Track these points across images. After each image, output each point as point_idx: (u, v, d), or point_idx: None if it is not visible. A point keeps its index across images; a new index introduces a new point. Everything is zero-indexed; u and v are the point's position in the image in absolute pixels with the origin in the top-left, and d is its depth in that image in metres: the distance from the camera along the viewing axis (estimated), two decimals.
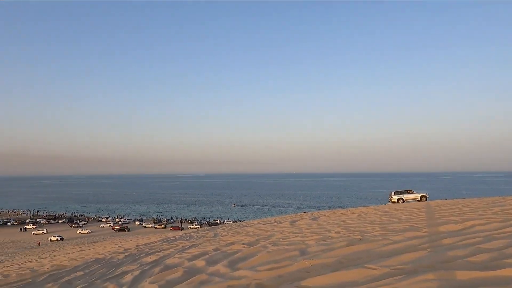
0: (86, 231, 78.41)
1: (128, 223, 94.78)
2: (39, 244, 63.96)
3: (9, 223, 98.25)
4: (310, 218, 19.38)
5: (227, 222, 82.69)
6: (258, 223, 24.00)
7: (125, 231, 78.90)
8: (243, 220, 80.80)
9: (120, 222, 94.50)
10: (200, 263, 7.49)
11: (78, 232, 78.07)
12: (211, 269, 6.62)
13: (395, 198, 31.94)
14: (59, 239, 67.21)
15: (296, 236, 10.33)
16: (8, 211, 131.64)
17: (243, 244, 9.93)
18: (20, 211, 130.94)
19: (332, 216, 19.46)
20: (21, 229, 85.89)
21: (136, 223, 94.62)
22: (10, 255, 52.67)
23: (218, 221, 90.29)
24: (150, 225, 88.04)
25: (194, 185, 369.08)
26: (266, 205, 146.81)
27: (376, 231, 9.17)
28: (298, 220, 18.96)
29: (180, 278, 6.23)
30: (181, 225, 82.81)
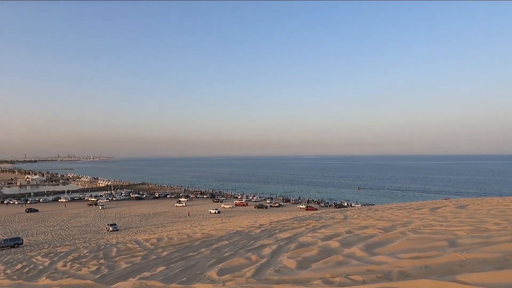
0: (228, 206, 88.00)
1: (259, 201, 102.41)
2: (189, 214, 75.69)
3: (168, 196, 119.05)
4: (456, 205, 17.01)
5: (355, 205, 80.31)
6: (391, 208, 22.48)
7: (262, 208, 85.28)
8: (373, 204, 77.04)
9: (253, 200, 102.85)
10: (334, 243, 7.50)
11: (222, 206, 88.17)
12: (347, 251, 6.55)
13: None
14: (216, 212, 75.24)
15: (440, 225, 9.24)
16: (167, 186, 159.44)
17: (377, 228, 9.47)
18: (175, 186, 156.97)
19: (484, 205, 16.61)
20: (178, 201, 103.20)
21: (267, 201, 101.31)
22: (170, 222, 63.98)
23: (346, 204, 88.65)
24: (276, 205, 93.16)
25: (320, 166, 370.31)
26: (398, 189, 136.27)
27: None
28: (440, 207, 16.90)
29: (316, 256, 6.38)
30: (307, 205, 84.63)
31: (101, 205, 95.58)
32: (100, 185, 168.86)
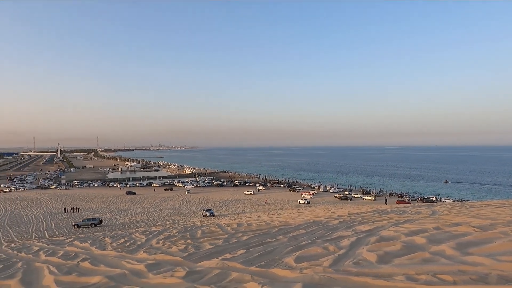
0: (309, 196, 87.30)
1: (337, 191, 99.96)
2: (266, 201, 77.67)
3: (246, 184, 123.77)
4: None
5: (446, 200, 73.14)
6: (490, 205, 19.92)
7: (347, 200, 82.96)
8: (467, 200, 69.28)
9: (331, 191, 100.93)
10: (419, 239, 6.99)
11: (302, 196, 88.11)
12: (435, 248, 6.05)
13: None
14: (306, 202, 74.36)
15: None
16: (246, 175, 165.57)
17: (473, 226, 8.52)
18: (253, 175, 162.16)
19: None
20: (257, 189, 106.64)
21: (345, 192, 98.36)
22: (249, 208, 66.52)
23: (434, 198, 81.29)
24: (358, 196, 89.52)
25: (403, 158, 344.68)
26: (498, 184, 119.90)
27: None
28: None
29: (399, 251, 6.03)
30: (386, 199, 79.72)
31: (187, 190, 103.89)
32: (186, 172, 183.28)
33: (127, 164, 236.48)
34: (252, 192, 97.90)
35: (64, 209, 66.14)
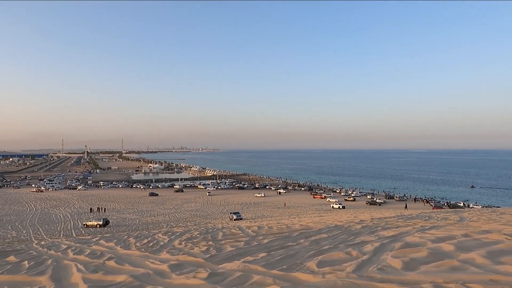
0: (334, 200, 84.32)
1: (359, 196, 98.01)
2: (285, 204, 77.20)
3: (267, 187, 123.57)
4: None
5: (474, 207, 70.26)
6: None
7: (376, 205, 79.67)
8: (497, 206, 66.32)
9: (353, 195, 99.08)
10: (447, 247, 6.75)
11: (327, 200, 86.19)
12: (463, 256, 5.83)
13: None
14: (340, 207, 71.03)
15: None
16: (266, 177, 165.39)
17: (504, 234, 8.15)
18: (274, 178, 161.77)
19: None
20: (279, 192, 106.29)
21: (368, 196, 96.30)
22: (270, 211, 66.37)
23: (462, 204, 78.23)
24: (351, 199, 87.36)
25: (429, 161, 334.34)
26: None
27: None
28: None
29: (426, 258, 5.85)
30: (406, 204, 77.29)
31: (208, 192, 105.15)
32: (207, 174, 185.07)
33: (150, 166, 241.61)
34: (263, 195, 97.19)
35: (90, 209, 68.28)
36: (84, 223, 48.45)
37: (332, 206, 72.37)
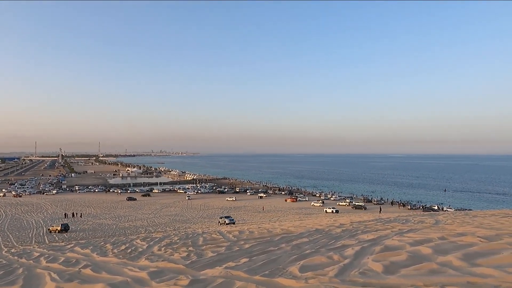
0: (318, 204, 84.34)
1: (338, 199, 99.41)
2: (263, 208, 77.38)
3: (247, 191, 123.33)
4: None
5: (448, 210, 72.67)
6: (493, 215, 19.77)
7: (361, 209, 78.66)
8: (469, 209, 68.82)
9: (332, 199, 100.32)
10: (425, 250, 6.91)
11: (311, 204, 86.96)
12: (441, 258, 5.97)
13: None
14: (334, 211, 70.56)
15: None
16: (247, 182, 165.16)
17: (478, 237, 8.43)
18: (254, 182, 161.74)
19: None
20: (260, 196, 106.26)
21: (347, 200, 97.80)
22: (250, 215, 66.22)
23: (436, 207, 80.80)
24: (345, 204, 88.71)
25: (406, 166, 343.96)
26: (500, 194, 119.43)
27: None
28: None
29: (405, 262, 5.95)
30: (381, 208, 79.03)
31: (187, 196, 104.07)
32: (187, 178, 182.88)
33: (128, 170, 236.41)
34: (234, 199, 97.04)
35: (65, 214, 65.99)
36: (48, 228, 48.00)
37: (326, 211, 72.10)
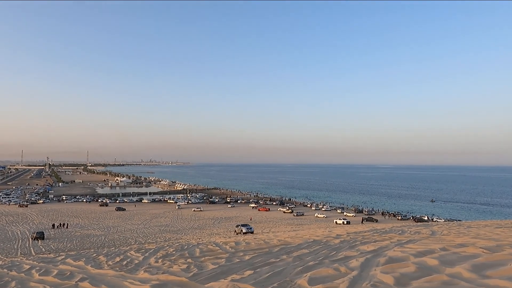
0: (322, 216, 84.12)
1: (330, 210, 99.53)
2: (251, 219, 76.85)
3: (238, 201, 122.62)
4: None
5: (438, 220, 73.32)
6: (486, 225, 20.00)
7: (372, 221, 74.03)
8: (458, 220, 69.57)
9: (323, 209, 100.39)
10: (431, 261, 6.88)
11: (315, 215, 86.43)
12: (450, 270, 5.95)
13: None
14: (345, 222, 68.94)
15: None
16: (238, 192, 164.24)
17: (480, 248, 8.46)
18: (245, 192, 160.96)
19: None
20: (254, 207, 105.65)
21: (338, 211, 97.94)
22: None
23: (426, 218, 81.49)
24: (352, 215, 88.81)
25: (395, 176, 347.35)
26: (486, 204, 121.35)
27: None
28: None
29: (415, 273, 5.90)
30: (363, 219, 78.99)
31: (178, 206, 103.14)
32: (177, 188, 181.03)
33: (117, 180, 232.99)
34: (201, 209, 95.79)
35: (53, 225, 64.38)
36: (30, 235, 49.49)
37: (336, 222, 69.87)
